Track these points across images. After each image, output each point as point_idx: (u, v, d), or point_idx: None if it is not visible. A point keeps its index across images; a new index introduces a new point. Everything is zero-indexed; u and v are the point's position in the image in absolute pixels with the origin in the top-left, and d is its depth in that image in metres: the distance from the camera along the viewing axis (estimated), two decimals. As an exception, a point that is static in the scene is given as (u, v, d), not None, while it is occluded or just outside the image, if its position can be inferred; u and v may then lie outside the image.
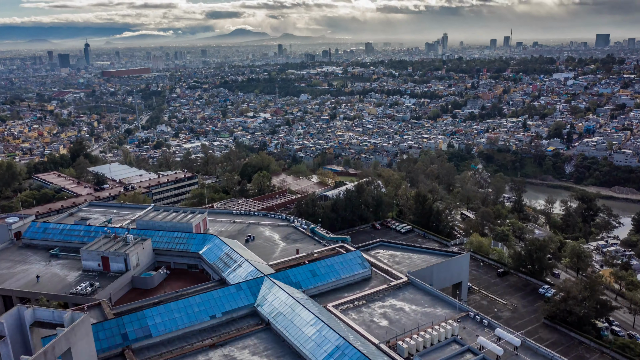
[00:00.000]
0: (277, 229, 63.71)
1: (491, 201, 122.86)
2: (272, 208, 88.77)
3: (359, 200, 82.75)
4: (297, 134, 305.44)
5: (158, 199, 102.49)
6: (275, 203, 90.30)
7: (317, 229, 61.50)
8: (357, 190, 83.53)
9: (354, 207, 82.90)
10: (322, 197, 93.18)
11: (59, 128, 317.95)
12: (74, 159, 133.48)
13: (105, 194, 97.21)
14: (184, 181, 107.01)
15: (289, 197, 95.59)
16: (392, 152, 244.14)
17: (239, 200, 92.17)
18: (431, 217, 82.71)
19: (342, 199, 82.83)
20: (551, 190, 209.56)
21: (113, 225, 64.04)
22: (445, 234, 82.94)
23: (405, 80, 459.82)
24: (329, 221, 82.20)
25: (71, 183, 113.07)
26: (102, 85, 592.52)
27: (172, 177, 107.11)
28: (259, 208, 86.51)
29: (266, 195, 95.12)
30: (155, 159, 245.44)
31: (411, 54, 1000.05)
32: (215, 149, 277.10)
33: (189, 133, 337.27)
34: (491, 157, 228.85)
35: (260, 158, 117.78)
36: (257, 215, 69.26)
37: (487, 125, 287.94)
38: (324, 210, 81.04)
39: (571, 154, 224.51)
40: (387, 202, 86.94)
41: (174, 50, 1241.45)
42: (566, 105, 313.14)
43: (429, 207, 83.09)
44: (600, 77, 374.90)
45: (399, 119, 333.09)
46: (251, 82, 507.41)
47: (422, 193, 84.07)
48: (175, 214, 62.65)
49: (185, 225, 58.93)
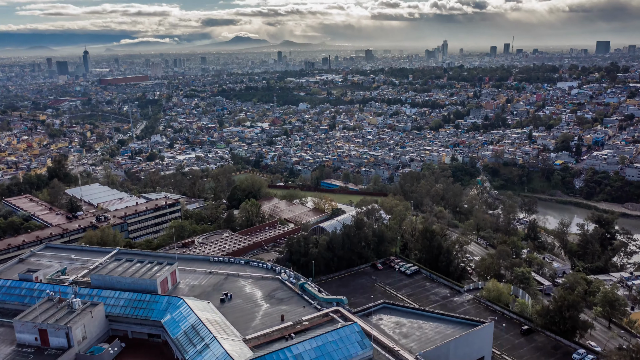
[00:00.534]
0: (260, 283, 53.41)
1: (503, 227, 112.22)
2: (260, 244, 78.74)
3: (358, 237, 72.62)
4: (295, 145, 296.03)
5: (134, 230, 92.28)
6: (264, 238, 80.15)
7: (308, 285, 51.44)
8: (356, 225, 73.43)
9: (352, 245, 72.77)
10: (316, 229, 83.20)
11: (50, 139, 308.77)
12: (53, 178, 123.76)
13: (75, 225, 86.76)
14: (164, 209, 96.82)
15: (280, 229, 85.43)
16: (393, 165, 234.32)
17: (224, 234, 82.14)
18: (440, 256, 72.54)
19: (338, 236, 72.68)
20: (560, 206, 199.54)
21: (66, 277, 54.08)
22: (457, 275, 72.72)
23: (406, 88, 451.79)
24: (323, 261, 72.09)
25: (43, 209, 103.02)
26: (98, 93, 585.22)
27: (151, 205, 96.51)
28: (244, 245, 76.34)
29: (255, 228, 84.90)
30: (146, 173, 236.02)
31: (411, 61, 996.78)
32: (210, 161, 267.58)
33: (184, 143, 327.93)
34: (497, 171, 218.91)
35: (251, 181, 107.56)
36: (237, 263, 58.96)
37: (491, 136, 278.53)
38: (318, 250, 70.90)
39: (580, 168, 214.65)
40: (390, 237, 76.84)
41: (173, 58, 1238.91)
42: (572, 115, 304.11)
43: (437, 245, 72.98)
44: (606, 86, 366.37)
45: (400, 129, 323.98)
46: (249, 91, 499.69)
47: (430, 228, 74.00)
48: (139, 265, 52.59)
49: (149, 283, 48.88)
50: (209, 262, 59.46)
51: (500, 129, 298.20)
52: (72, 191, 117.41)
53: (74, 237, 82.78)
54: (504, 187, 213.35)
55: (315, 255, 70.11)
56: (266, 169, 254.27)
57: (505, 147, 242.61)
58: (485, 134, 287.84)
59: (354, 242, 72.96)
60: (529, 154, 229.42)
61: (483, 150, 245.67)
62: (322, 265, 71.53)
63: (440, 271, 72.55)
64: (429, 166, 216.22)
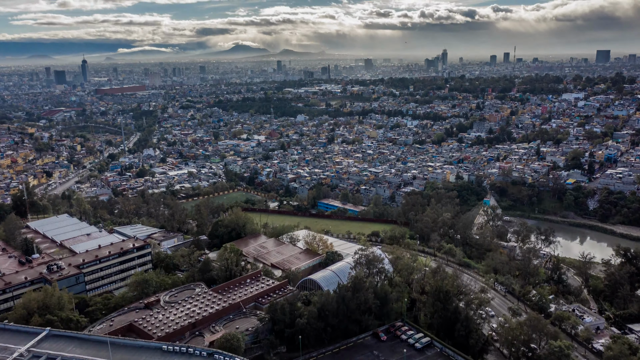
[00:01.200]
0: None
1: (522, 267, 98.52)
2: (238, 305, 65.53)
3: (356, 301, 59.09)
4: (291, 160, 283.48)
5: (95, 280, 78.73)
6: (243, 297, 66.71)
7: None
8: (354, 286, 59.86)
9: (349, 311, 59.25)
10: (307, 282, 70.24)
11: (36, 154, 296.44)
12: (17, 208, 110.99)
13: (21, 277, 72.71)
14: (132, 252, 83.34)
15: (264, 283, 71.89)
16: (394, 184, 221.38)
17: (197, 289, 68.87)
18: (457, 325, 59.12)
19: (332, 300, 59.15)
20: (574, 229, 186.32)
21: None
22: (478, 349, 59.20)
23: (407, 100, 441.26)
24: (314, 332, 58.68)
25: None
26: (94, 103, 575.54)
27: (116, 248, 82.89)
28: (218, 308, 62.87)
29: (234, 281, 71.52)
30: (135, 191, 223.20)
31: (411, 70, 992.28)
32: (202, 178, 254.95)
33: (178, 157, 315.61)
34: (505, 190, 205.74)
35: (235, 217, 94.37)
36: (199, 356, 45.52)
37: (497, 151, 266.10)
38: (307, 320, 57.51)
39: (594, 187, 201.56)
40: (395, 296, 63.43)
41: (172, 67, 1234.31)
42: (580, 129, 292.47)
43: (453, 309, 59.68)
44: (613, 98, 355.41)
45: (401, 142, 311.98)
46: (247, 102, 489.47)
47: (443, 288, 60.55)
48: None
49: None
50: (161, 353, 46.23)
51: (505, 144, 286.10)
52: (36, 224, 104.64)
53: (19, 293, 69.57)
54: (512, 208, 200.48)
55: (303, 326, 56.81)
56: (261, 187, 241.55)
57: (513, 164, 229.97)
58: (490, 148, 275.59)
59: (351, 307, 59.52)
60: (538, 171, 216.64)
61: (489, 167, 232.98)
62: (312, 336, 58.15)
63: (458, 342, 59.13)
64: (433, 185, 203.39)
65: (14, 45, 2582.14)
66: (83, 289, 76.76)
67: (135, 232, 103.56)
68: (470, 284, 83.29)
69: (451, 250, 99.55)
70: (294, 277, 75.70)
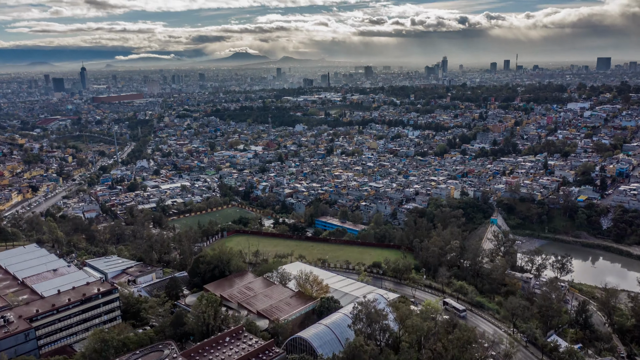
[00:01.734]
0: None
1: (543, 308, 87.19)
2: (212, 375, 54.57)
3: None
4: (289, 173, 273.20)
5: (51, 333, 66.86)
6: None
7: None
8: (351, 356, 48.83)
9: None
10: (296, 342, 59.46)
11: (25, 166, 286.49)
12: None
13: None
14: (97, 298, 71.87)
15: (245, 342, 60.43)
16: (396, 200, 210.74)
17: (165, 350, 57.80)
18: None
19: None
20: (587, 250, 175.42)
21: None
22: None
23: (408, 109, 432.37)
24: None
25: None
26: (90, 112, 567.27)
27: (77, 295, 71.24)
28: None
29: (210, 341, 60.30)
30: (126, 206, 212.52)
31: (411, 78, 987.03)
32: (195, 192, 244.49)
33: (172, 169, 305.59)
34: (512, 207, 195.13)
35: (218, 253, 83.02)
36: None
37: (502, 164, 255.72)
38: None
39: (607, 204, 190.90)
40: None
41: (172, 74, 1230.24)
42: (587, 140, 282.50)
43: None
44: (620, 107, 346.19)
45: (402, 154, 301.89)
46: (244, 111, 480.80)
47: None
48: None
49: None
50: None
51: (511, 156, 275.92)
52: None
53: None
54: (521, 227, 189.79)
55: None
56: (256, 202, 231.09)
57: (520, 178, 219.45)
58: (495, 161, 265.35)
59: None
60: (547, 187, 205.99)
61: (495, 182, 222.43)
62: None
63: None
64: (437, 202, 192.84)
65: (14, 53, 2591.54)
66: (34, 347, 65.61)
67: (109, 265, 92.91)
68: (487, 330, 72.19)
69: (462, 288, 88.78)
70: (282, 332, 64.86)
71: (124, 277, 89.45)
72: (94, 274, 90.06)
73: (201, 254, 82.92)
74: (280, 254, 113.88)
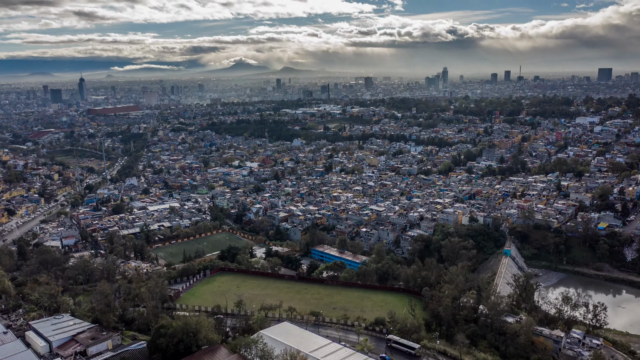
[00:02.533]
0: None
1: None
2: None
3: None
4: (284, 193, 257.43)
5: None
6: None
7: None
8: None
9: None
10: None
11: (5, 185, 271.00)
12: None
13: None
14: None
15: None
16: (399, 226, 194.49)
17: None
18: None
19: None
20: (610, 285, 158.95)
21: None
22: None
23: (409, 123, 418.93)
24: None
25: None
26: (84, 124, 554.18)
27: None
28: None
29: None
30: (108, 231, 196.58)
31: (412, 89, 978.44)
32: (185, 214, 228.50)
33: (162, 187, 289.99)
34: (526, 235, 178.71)
35: (184, 322, 66.20)
36: None
37: (512, 185, 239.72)
38: None
39: (630, 233, 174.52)
40: None
41: (171, 85, 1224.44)
42: (601, 158, 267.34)
43: None
44: (632, 122, 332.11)
45: (405, 172, 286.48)
46: (241, 124, 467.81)
47: None
48: None
49: None
50: None
51: (520, 175, 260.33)
52: None
53: None
54: (537, 257, 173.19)
55: None
56: (249, 226, 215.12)
57: (533, 202, 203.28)
58: (503, 181, 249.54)
59: None
60: (563, 213, 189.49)
61: (505, 205, 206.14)
62: None
63: None
64: (443, 228, 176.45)
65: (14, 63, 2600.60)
66: None
67: (57, 329, 76.98)
68: None
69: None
70: None
71: (72, 345, 73.52)
72: (37, 343, 74.00)
73: (163, 323, 66.88)
74: (266, 306, 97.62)
